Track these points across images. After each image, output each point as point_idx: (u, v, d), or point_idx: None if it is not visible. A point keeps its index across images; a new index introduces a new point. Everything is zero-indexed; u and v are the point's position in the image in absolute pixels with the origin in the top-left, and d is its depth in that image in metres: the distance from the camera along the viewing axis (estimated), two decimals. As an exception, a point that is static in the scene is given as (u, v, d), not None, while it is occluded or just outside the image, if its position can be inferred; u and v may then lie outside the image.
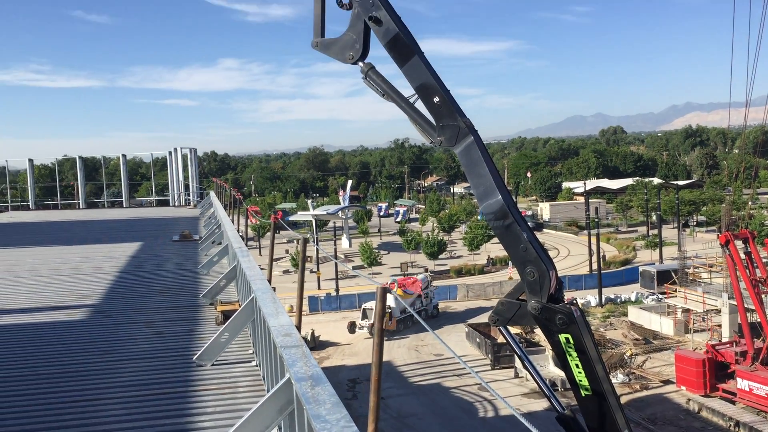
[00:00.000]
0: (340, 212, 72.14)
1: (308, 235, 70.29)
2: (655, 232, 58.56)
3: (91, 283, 10.40)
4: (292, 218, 70.75)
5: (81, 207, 35.77)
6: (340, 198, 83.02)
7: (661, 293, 39.11)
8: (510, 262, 32.09)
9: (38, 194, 37.54)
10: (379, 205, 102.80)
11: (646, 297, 42.07)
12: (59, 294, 9.53)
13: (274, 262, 13.62)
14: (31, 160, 36.19)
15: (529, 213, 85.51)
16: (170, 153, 34.02)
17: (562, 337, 7.04)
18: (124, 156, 36.08)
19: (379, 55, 10.89)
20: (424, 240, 60.40)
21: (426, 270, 55.53)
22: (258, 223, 50.25)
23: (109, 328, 7.40)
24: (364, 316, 36.57)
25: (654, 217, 66.14)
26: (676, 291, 34.15)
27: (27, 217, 27.97)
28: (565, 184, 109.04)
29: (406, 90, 10.77)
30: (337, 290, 47.06)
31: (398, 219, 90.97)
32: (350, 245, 71.20)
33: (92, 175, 61.68)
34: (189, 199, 33.20)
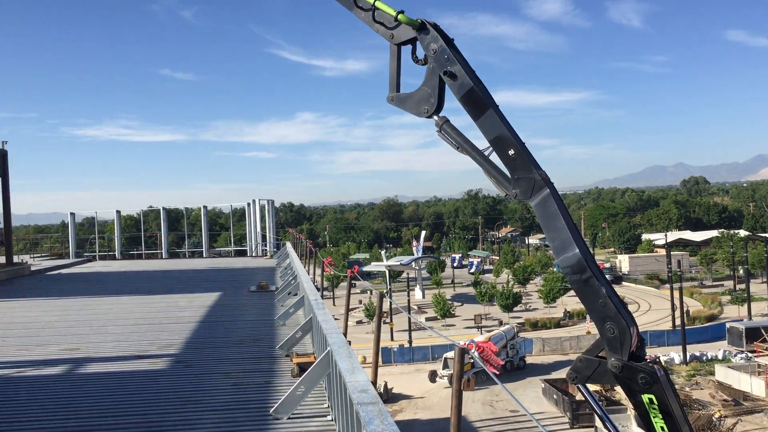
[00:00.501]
0: (413, 263, 72.07)
1: (382, 285, 70.38)
2: (743, 286, 55.87)
3: (172, 332, 10.68)
4: (365, 269, 71.06)
5: (164, 256, 36.99)
6: (414, 249, 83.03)
7: (751, 351, 37.09)
8: (588, 317, 31.20)
9: (124, 244, 39.11)
10: (453, 256, 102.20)
11: (735, 355, 39.93)
12: (143, 343, 9.83)
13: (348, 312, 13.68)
14: (118, 212, 37.82)
15: (608, 266, 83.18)
16: (249, 204, 34.93)
17: (645, 397, 6.75)
18: (204, 207, 37.24)
19: (452, 106, 11.02)
20: (499, 292, 59.49)
21: (500, 322, 54.54)
22: (332, 273, 50.72)
23: (189, 379, 7.56)
24: (446, 365, 36.25)
25: (741, 271, 63.16)
26: (767, 349, 32.31)
27: (114, 266, 29.10)
28: (645, 236, 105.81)
29: (481, 142, 10.80)
30: (410, 342, 46.73)
31: (472, 270, 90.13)
32: (423, 296, 70.82)
33: (174, 225, 63.89)
34: (266, 250, 33.86)
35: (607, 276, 8.78)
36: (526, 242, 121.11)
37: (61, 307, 14.72)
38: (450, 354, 36.49)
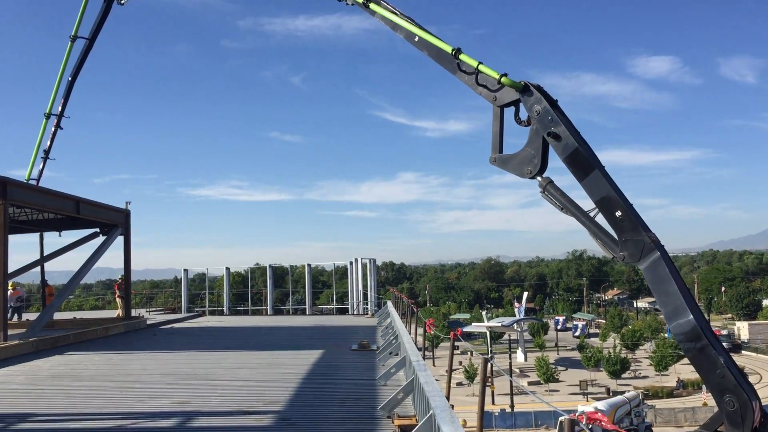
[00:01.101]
0: (515, 324, 70.47)
1: (483, 347, 69.02)
2: None
3: (277, 389, 10.89)
4: (466, 329, 70.08)
5: (269, 313, 37.90)
6: (516, 310, 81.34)
7: None
8: (704, 386, 29.31)
9: (232, 300, 40.48)
10: (556, 318, 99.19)
11: None
12: (249, 399, 10.07)
13: (446, 373, 13.51)
14: (227, 269, 39.27)
15: (725, 333, 78.24)
16: (351, 263, 35.44)
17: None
18: (308, 265, 38.09)
19: (555, 165, 10.91)
20: (606, 357, 57.06)
21: (608, 390, 52.04)
22: (433, 333, 50.30)
23: (292, 436, 7.67)
24: (561, 429, 34.89)
25: None
26: None
27: (222, 321, 30.10)
28: (766, 302, 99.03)
29: (586, 203, 10.62)
30: (512, 406, 45.33)
31: (576, 333, 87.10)
32: (526, 359, 68.85)
33: (279, 282, 65.60)
34: (367, 308, 34.09)
35: (724, 344, 8.29)
36: (635, 305, 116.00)
37: (174, 360, 15.35)
38: (566, 417, 35.11)
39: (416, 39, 12.28)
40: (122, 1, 23.50)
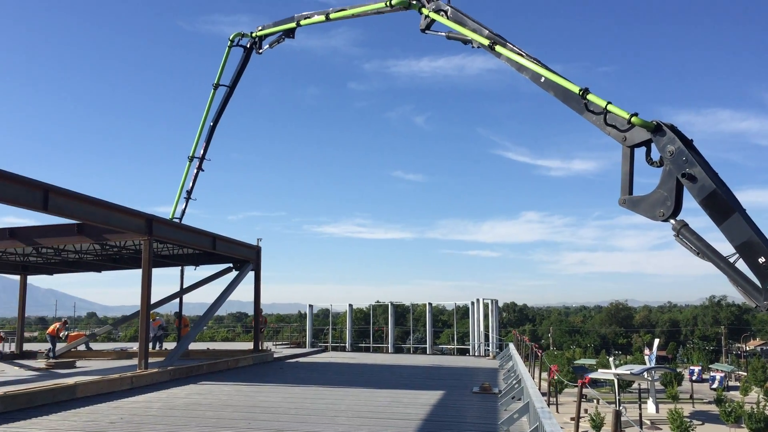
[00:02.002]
0: (645, 373, 66.77)
1: (610, 395, 65.77)
2: None
3: (397, 428, 10.91)
4: (591, 375, 67.19)
5: (390, 351, 38.08)
6: (646, 357, 77.18)
7: None
8: None
9: (354, 336, 41.07)
10: (691, 368, 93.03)
11: None
12: (370, 436, 10.14)
13: (572, 421, 13.00)
14: (350, 305, 39.95)
15: None
16: (472, 303, 35.09)
17: None
18: (429, 304, 38.08)
19: (689, 206, 10.39)
20: (747, 413, 52.75)
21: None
22: (556, 378, 48.60)
23: (414, 477, 7.64)
24: None
25: None
26: None
27: (344, 357, 30.55)
28: None
29: (724, 246, 10.03)
30: (642, 461, 42.72)
31: (714, 386, 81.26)
32: (657, 411, 64.94)
33: (400, 320, 65.88)
34: (488, 350, 33.53)
35: None
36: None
37: (299, 395, 15.74)
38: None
39: (542, 80, 12.21)
40: (260, 51, 24.98)
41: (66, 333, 33.72)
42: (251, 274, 27.33)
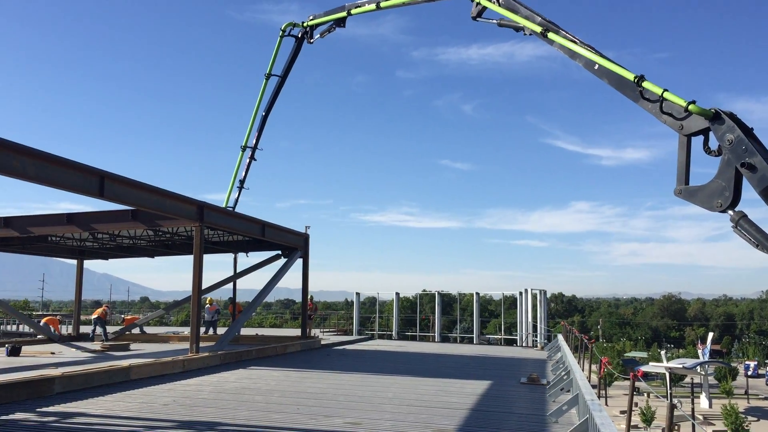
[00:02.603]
0: (698, 367, 65.24)
1: (661, 388, 64.51)
2: None
3: (444, 418, 10.90)
4: (643, 368, 65.98)
5: (436, 339, 38.07)
6: (699, 351, 75.38)
7: None
8: None
9: (400, 324, 41.16)
10: (747, 363, 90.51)
11: None
12: (417, 426, 10.15)
13: (621, 415, 12.79)
14: (397, 294, 40.02)
15: None
16: (520, 293, 34.79)
17: None
18: (477, 294, 37.90)
19: (749, 197, 10.04)
20: (806, 410, 51.09)
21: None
22: (606, 372, 47.86)
23: (461, 467, 7.62)
24: None
25: None
26: None
27: (391, 345, 30.64)
28: None
29: (786, 240, 9.65)
30: (694, 456, 41.83)
31: (771, 381, 78.96)
32: (710, 406, 63.43)
33: (447, 309, 65.74)
34: (536, 341, 33.22)
35: None
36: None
37: (345, 382, 15.86)
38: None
39: (596, 67, 11.94)
40: (311, 41, 25.07)
41: (121, 317, 34.60)
42: (299, 262, 27.60)
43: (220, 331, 31.03)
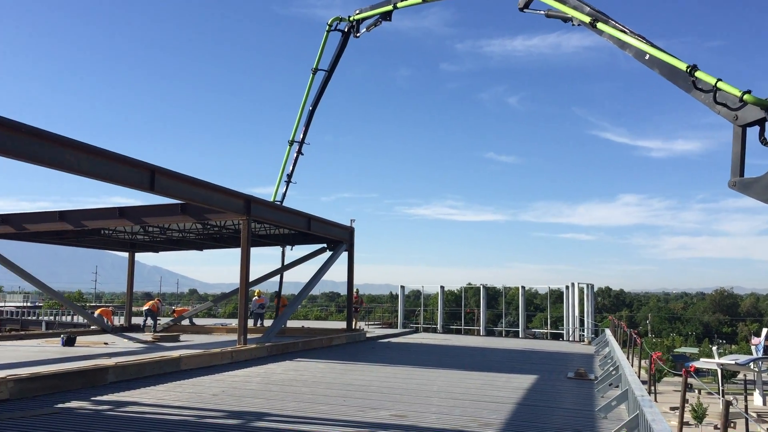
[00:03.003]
0: (752, 363, 63.53)
1: (713, 385, 63.07)
2: None
3: (491, 411, 10.85)
4: (694, 364, 64.53)
5: (481, 333, 37.88)
6: (752, 347, 73.36)
7: None
8: None
9: (445, 318, 41.08)
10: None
11: None
12: (463, 419, 10.14)
13: (671, 411, 12.53)
14: (442, 287, 39.94)
15: None
16: (567, 287, 34.37)
17: None
18: (522, 287, 37.56)
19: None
20: None
21: None
22: (657, 367, 47.01)
23: (508, 461, 7.58)
24: None
25: None
26: None
27: (436, 339, 30.63)
28: None
29: None
30: (747, 455, 40.80)
31: (829, 379, 76.38)
32: (764, 403, 61.76)
33: (491, 303, 65.34)
34: (583, 335, 32.79)
35: None
36: None
37: (391, 374, 15.92)
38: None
39: (647, 57, 11.68)
40: (357, 35, 25.13)
41: (171, 309, 35.32)
42: (344, 255, 27.75)
43: (267, 323, 31.43)
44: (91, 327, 30.41)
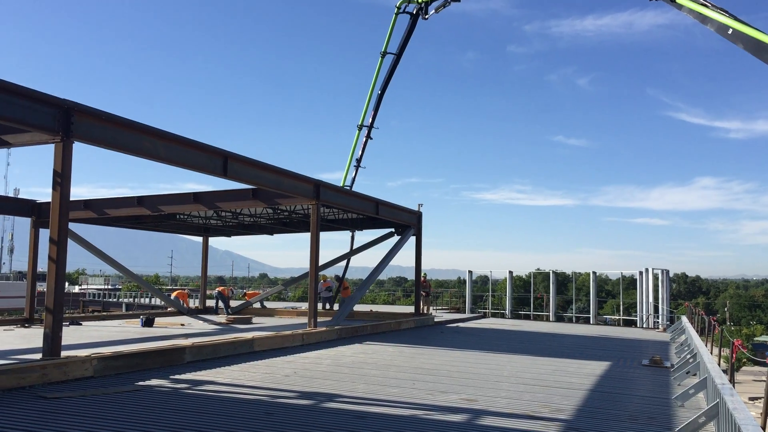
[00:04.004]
0: (839, 354, 60.65)
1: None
2: None
3: (562, 397, 10.70)
4: (776, 354, 62.03)
5: (550, 319, 37.37)
6: (840, 337, 69.96)
7: None
8: None
9: (513, 303, 40.68)
10: None
11: None
12: (534, 404, 10.03)
13: (750, 402, 12.07)
14: (510, 272, 39.54)
15: None
16: (641, 273, 33.48)
17: None
18: (594, 273, 36.81)
19: None
20: None
21: None
22: (737, 356, 45.42)
23: (581, 447, 7.47)
24: None
25: None
26: None
27: (504, 324, 30.40)
28: None
29: None
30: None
31: None
32: None
33: (561, 289, 64.28)
34: (657, 323, 31.94)
35: None
36: None
37: (460, 358, 15.88)
38: None
39: (730, 32, 11.16)
40: (426, 16, 24.99)
41: (243, 292, 36.21)
42: (412, 239, 27.77)
43: (335, 307, 31.82)
44: (168, 309, 31.48)
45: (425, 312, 30.35)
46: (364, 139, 27.53)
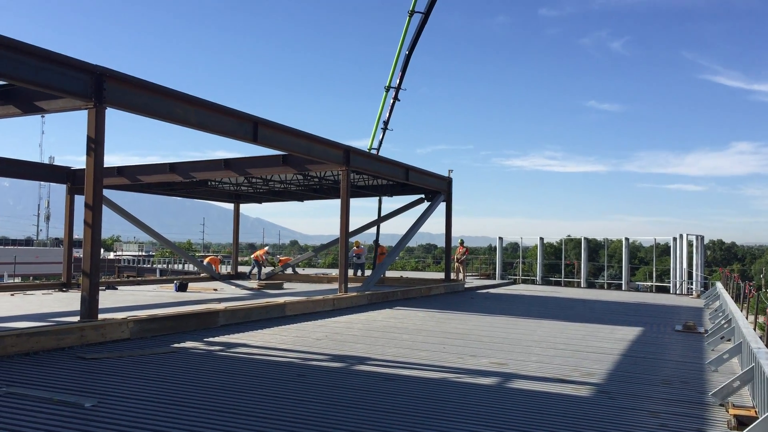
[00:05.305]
0: None
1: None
2: None
3: (593, 362, 10.67)
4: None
5: (582, 285, 37.17)
6: None
7: None
8: None
9: (544, 270, 40.51)
10: None
11: None
12: (564, 368, 10.02)
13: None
14: (541, 239, 39.34)
15: None
16: (674, 239, 33.07)
17: None
18: (626, 239, 36.46)
19: None
20: None
21: None
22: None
23: (612, 410, 7.45)
24: None
25: None
26: None
27: (535, 290, 30.32)
28: None
29: None
30: None
31: None
32: None
33: (593, 255, 63.78)
34: (691, 289, 31.60)
35: None
36: None
37: (490, 324, 15.90)
38: None
39: None
40: None
41: (275, 257, 36.62)
42: (441, 206, 27.69)
43: (366, 273, 32.00)
44: (201, 274, 31.95)
45: (460, 278, 30.37)
46: (392, 101, 27.37)
